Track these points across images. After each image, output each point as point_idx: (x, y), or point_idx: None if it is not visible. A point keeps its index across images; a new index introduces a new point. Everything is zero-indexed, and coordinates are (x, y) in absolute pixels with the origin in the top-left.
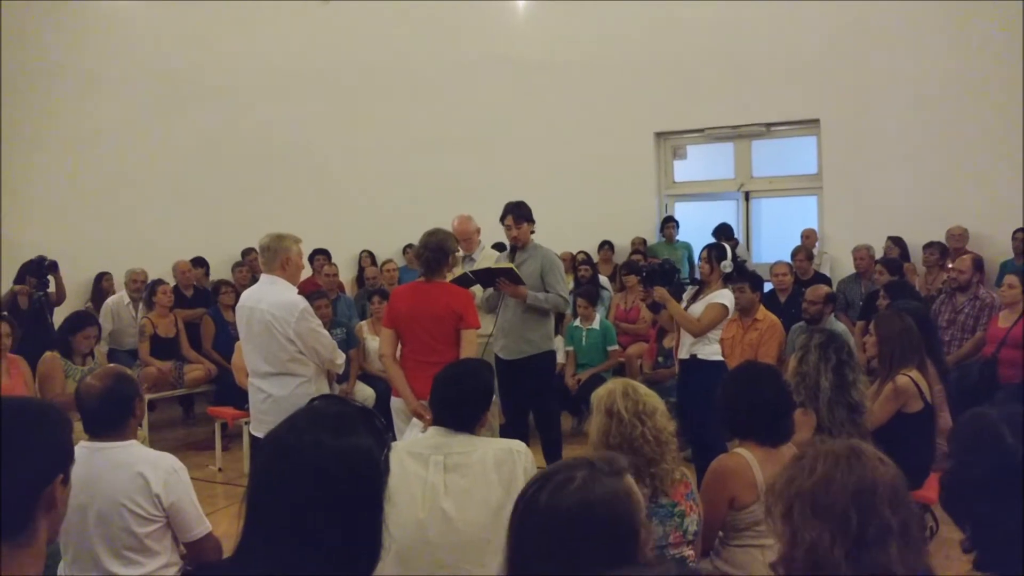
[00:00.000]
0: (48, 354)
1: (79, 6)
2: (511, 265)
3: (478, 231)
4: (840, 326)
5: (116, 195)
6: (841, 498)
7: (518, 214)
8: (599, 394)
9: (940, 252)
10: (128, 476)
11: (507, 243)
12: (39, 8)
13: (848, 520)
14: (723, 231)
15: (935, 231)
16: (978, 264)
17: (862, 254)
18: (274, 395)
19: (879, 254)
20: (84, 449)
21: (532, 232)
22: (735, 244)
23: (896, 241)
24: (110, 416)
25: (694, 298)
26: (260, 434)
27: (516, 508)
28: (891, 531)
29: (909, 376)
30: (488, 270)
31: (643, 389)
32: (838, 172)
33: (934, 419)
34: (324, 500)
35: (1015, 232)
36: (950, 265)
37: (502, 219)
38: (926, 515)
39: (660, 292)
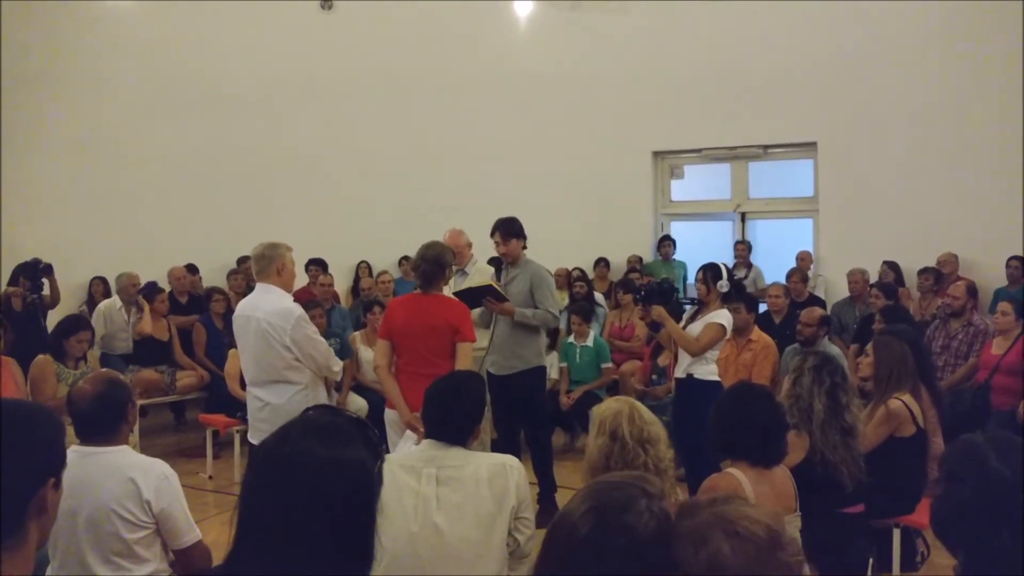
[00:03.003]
0: (40, 357)
1: (77, 8)
2: (491, 282)
3: (470, 245)
4: (834, 349)
5: (113, 200)
6: None
7: (506, 230)
8: (603, 413)
9: (935, 277)
10: (119, 481)
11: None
12: (37, 11)
13: None
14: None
15: (930, 256)
16: (972, 291)
17: (857, 278)
18: (271, 403)
19: (874, 278)
20: (75, 453)
21: (524, 248)
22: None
23: (891, 265)
24: (102, 421)
25: (692, 318)
26: (257, 442)
27: (571, 535)
28: None
29: (902, 400)
30: (470, 289)
31: (648, 415)
32: (834, 195)
33: (927, 444)
34: (316, 510)
35: (1009, 259)
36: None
37: (491, 235)
38: (918, 540)
39: (658, 311)
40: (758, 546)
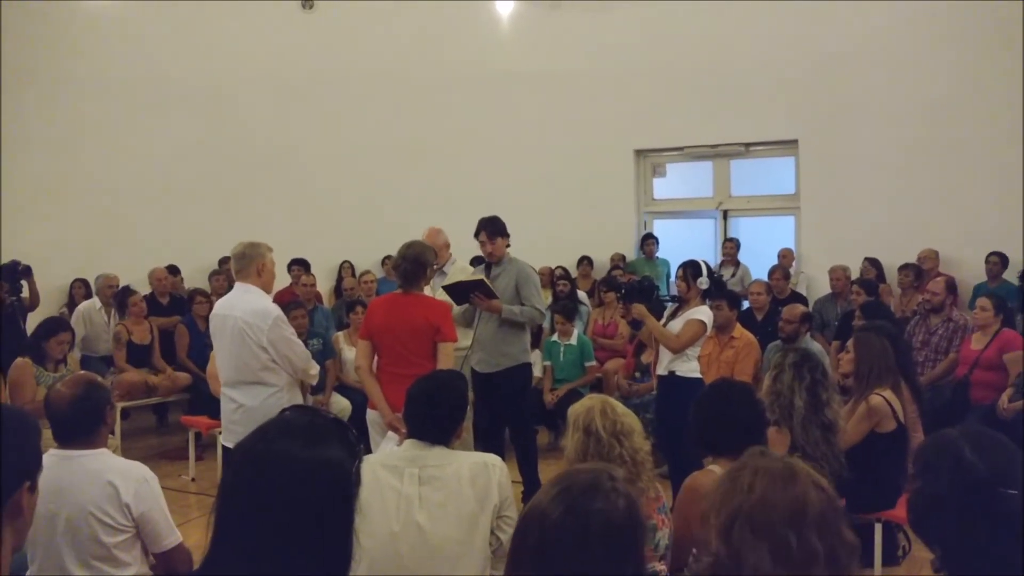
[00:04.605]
0: (19, 360)
1: (61, 8)
2: (481, 277)
3: (448, 245)
4: (816, 346)
5: (93, 201)
6: (779, 519)
7: (492, 229)
8: (576, 410)
9: (915, 274)
10: (98, 485)
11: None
12: (19, 10)
13: (787, 542)
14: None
15: (911, 253)
16: (951, 287)
17: (838, 274)
18: (245, 405)
19: (855, 274)
20: (53, 457)
21: (507, 246)
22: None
23: (872, 262)
24: (80, 424)
25: (673, 315)
26: (231, 444)
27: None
28: (816, 557)
29: (883, 396)
30: (460, 284)
31: (620, 408)
32: (816, 192)
33: (907, 439)
34: (293, 511)
35: (988, 255)
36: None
37: (476, 235)
38: (899, 534)
39: (638, 309)
40: (835, 507)
